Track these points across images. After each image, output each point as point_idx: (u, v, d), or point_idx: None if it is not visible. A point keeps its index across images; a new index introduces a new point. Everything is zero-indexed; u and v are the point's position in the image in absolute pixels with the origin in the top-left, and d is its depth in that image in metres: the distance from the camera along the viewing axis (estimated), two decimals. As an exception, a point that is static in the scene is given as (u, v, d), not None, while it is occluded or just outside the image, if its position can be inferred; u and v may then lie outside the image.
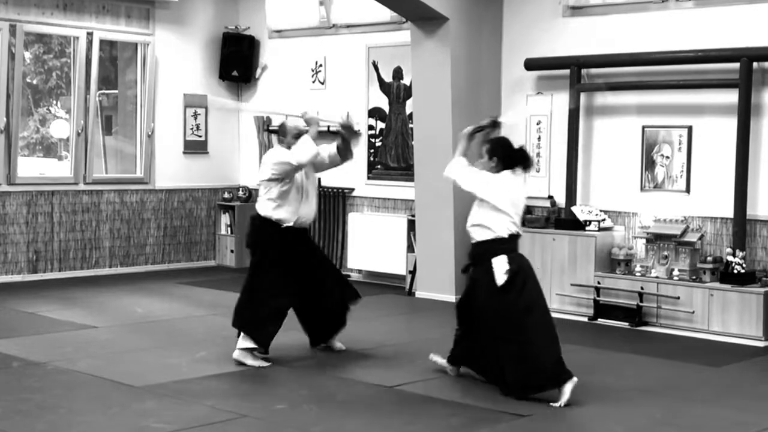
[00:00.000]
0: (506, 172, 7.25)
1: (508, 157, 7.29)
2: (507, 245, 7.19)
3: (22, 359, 8.01)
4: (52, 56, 13.50)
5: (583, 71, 10.69)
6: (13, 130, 11.89)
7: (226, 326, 8.38)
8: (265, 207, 8.06)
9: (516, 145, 7.42)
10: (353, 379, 7.60)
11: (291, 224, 8.04)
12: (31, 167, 12.85)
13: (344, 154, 8.38)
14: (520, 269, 7.13)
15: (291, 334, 9.16)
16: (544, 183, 11.09)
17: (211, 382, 7.44)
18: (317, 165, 8.28)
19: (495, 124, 7.69)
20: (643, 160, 10.39)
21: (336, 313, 8.48)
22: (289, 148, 7.99)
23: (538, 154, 11.12)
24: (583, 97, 10.74)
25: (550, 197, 10.99)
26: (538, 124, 11.14)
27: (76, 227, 12.60)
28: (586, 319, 10.17)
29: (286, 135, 8.12)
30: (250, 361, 7.96)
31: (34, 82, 13.49)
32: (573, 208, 10.57)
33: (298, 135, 8.02)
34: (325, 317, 8.46)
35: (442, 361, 7.82)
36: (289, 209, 8.03)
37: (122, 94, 13.86)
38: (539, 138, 11.13)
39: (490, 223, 7.19)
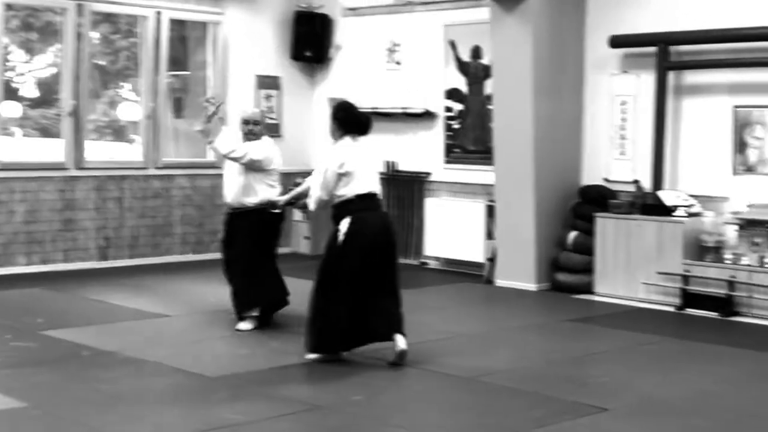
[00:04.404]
0: (347, 139, 7.50)
1: (348, 122, 7.57)
2: (355, 205, 7.42)
3: (93, 348, 7.93)
4: (120, 36, 13.33)
5: (671, 48, 10.35)
6: (81, 113, 11.76)
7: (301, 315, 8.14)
8: None
9: (357, 110, 7.68)
10: (430, 369, 7.45)
11: None
12: (100, 151, 12.69)
13: None
14: (360, 232, 7.35)
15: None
16: (630, 166, 10.81)
17: (285, 373, 7.34)
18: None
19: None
20: (734, 142, 10.08)
21: None
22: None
23: (622, 136, 10.84)
24: (670, 75, 10.39)
25: (636, 181, 10.68)
26: (623, 104, 10.83)
27: (146, 213, 12.43)
28: (673, 309, 9.93)
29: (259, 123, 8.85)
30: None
31: (103, 63, 13.33)
32: (660, 193, 10.31)
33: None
34: None
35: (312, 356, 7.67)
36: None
37: (192, 76, 13.68)
38: (624, 119, 10.82)
39: (339, 189, 7.43)
